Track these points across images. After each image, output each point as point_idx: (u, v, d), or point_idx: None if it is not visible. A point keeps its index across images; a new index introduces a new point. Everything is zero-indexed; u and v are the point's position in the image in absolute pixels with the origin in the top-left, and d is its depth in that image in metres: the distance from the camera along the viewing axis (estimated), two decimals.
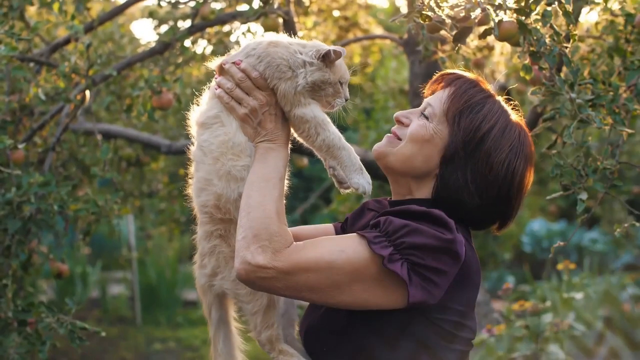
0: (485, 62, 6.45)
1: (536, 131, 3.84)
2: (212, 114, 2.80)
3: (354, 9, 7.25)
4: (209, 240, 2.83)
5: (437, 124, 2.79)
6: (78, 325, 4.15)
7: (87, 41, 4.51)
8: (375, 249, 2.54)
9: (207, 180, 2.77)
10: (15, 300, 4.28)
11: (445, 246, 2.55)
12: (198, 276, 2.91)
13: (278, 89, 2.72)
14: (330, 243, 2.64)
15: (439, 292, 2.57)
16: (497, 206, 2.81)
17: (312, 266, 2.58)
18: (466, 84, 2.85)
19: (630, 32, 4.27)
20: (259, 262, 2.55)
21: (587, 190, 3.61)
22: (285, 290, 2.64)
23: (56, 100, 4.85)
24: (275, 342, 2.81)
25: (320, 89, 2.73)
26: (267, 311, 2.81)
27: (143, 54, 5.25)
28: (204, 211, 2.81)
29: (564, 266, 6.24)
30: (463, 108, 2.78)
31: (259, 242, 2.57)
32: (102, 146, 4.74)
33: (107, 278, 13.58)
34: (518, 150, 2.79)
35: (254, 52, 2.75)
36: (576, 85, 3.50)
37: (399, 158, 2.82)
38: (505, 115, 2.82)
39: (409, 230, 2.55)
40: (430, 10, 3.37)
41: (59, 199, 4.29)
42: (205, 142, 2.78)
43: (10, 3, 4.50)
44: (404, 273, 2.52)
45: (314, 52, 2.73)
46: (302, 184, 15.64)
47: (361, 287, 2.60)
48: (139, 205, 8.87)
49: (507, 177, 2.77)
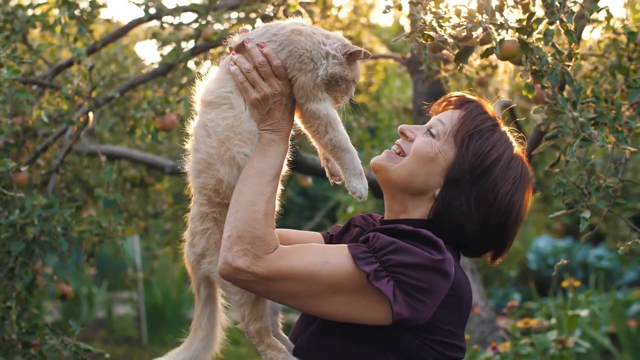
0: (489, 81, 6.46)
1: (539, 150, 3.83)
2: (222, 93, 2.74)
3: (358, 29, 7.25)
4: (203, 222, 2.80)
5: (444, 143, 2.79)
6: (82, 347, 4.14)
7: (89, 63, 4.52)
8: (360, 265, 2.55)
9: (208, 163, 2.74)
10: (20, 322, 4.28)
11: (434, 265, 2.55)
12: (187, 253, 2.88)
13: (297, 81, 2.70)
14: (315, 252, 2.64)
15: (427, 311, 2.57)
16: (494, 235, 2.82)
17: (292, 275, 2.59)
18: (477, 109, 2.85)
19: (633, 50, 4.28)
20: (238, 266, 2.57)
21: (590, 209, 3.60)
22: (266, 294, 2.67)
23: (59, 122, 4.85)
24: (264, 335, 2.79)
25: (336, 84, 2.73)
26: (256, 303, 2.78)
27: (146, 76, 5.27)
28: (202, 192, 2.78)
29: (568, 283, 6.22)
30: (473, 132, 2.78)
31: (241, 244, 2.59)
32: (106, 167, 4.74)
33: (113, 298, 13.57)
34: (519, 184, 2.79)
35: (276, 38, 2.71)
36: (578, 104, 3.49)
37: (400, 173, 2.81)
38: (511, 147, 2.83)
39: (396, 248, 2.55)
40: (432, 30, 3.37)
41: (62, 221, 4.29)
42: (212, 122, 2.73)
43: (12, 26, 4.52)
44: (388, 290, 2.52)
45: (340, 46, 2.72)
46: (307, 203, 15.63)
47: (343, 300, 2.60)
48: (144, 226, 8.88)
49: (508, 208, 2.77)
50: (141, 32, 7.98)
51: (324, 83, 2.71)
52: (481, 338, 6.10)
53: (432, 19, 3.31)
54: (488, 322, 6.20)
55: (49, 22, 4.69)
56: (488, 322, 6.20)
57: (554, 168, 3.80)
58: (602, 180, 3.66)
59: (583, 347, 5.55)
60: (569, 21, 3.35)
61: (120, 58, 6.96)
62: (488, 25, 3.38)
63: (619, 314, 9.31)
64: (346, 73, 2.73)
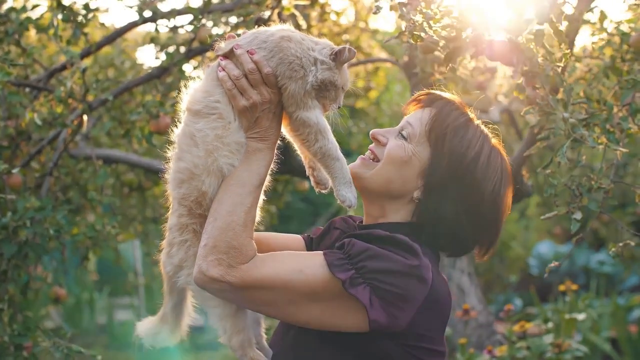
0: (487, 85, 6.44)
1: (531, 151, 3.82)
2: (210, 102, 2.71)
3: (357, 33, 7.23)
4: (182, 233, 2.76)
5: (417, 145, 2.78)
6: (74, 349, 4.14)
7: (82, 66, 4.51)
8: (335, 272, 2.54)
9: (192, 174, 2.70)
10: (12, 324, 4.27)
11: (410, 271, 2.53)
12: (164, 263, 2.86)
13: (287, 89, 2.68)
14: (290, 261, 2.63)
15: (404, 317, 2.56)
16: (483, 233, 2.81)
17: (266, 284, 2.59)
18: (448, 106, 2.84)
19: (627, 52, 4.26)
20: (212, 275, 2.57)
21: (581, 210, 3.59)
22: (241, 302, 2.68)
23: (54, 125, 4.85)
24: (248, 348, 2.77)
25: (326, 90, 2.72)
26: (237, 315, 2.77)
27: (140, 79, 5.27)
28: (182, 203, 2.74)
29: (565, 287, 6.21)
30: (447, 131, 2.76)
31: (216, 254, 2.58)
32: (100, 171, 4.74)
33: (114, 304, 13.55)
34: (501, 178, 2.79)
35: (265, 45, 2.69)
36: (569, 105, 3.48)
37: (375, 180, 2.80)
38: (488, 141, 2.81)
39: (371, 254, 2.54)
40: (422, 30, 3.35)
41: (55, 224, 4.28)
42: (200, 132, 2.69)
43: (5, 29, 4.51)
44: (364, 297, 2.51)
45: (328, 50, 2.71)
46: (309, 209, 15.61)
47: (319, 308, 2.60)
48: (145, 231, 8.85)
49: (494, 205, 2.77)
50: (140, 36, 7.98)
51: (314, 89, 2.70)
52: (479, 342, 6.09)
53: (421, 20, 3.30)
54: (486, 326, 6.18)
55: (42, 25, 4.68)
56: (486, 326, 6.18)
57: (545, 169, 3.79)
58: (594, 182, 3.64)
59: (580, 351, 5.53)
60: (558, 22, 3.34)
61: (118, 62, 6.95)
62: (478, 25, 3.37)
63: (620, 319, 9.27)
64: (335, 78, 2.72)
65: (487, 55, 3.41)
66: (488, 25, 3.34)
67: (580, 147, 3.51)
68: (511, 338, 5.46)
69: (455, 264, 6.16)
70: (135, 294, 12.86)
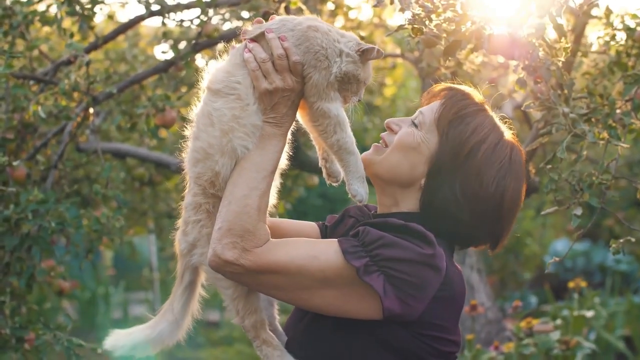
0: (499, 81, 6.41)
1: (533, 146, 3.80)
2: (231, 82, 2.72)
3: (370, 29, 7.21)
4: (196, 212, 2.79)
5: (426, 132, 2.78)
6: (74, 342, 4.14)
7: (86, 59, 4.51)
8: (350, 259, 2.54)
9: (207, 153, 2.73)
10: (14, 317, 4.28)
11: (424, 260, 2.53)
12: (180, 240, 2.88)
13: (311, 78, 2.69)
14: (304, 247, 2.64)
15: (418, 306, 2.55)
16: (487, 224, 2.79)
17: (280, 269, 2.60)
18: (459, 95, 2.84)
19: (632, 47, 4.24)
20: (227, 258, 2.59)
21: (581, 205, 3.56)
22: (255, 286, 2.70)
23: (59, 118, 4.86)
24: (260, 329, 2.80)
25: (348, 82, 2.73)
26: (249, 296, 2.79)
27: (146, 73, 5.27)
28: (197, 182, 2.77)
29: (575, 284, 6.18)
30: (453, 118, 2.76)
31: (231, 237, 2.60)
32: (105, 165, 4.74)
33: (130, 299, 13.59)
34: (508, 169, 2.76)
35: (293, 34, 2.70)
36: (570, 100, 3.45)
37: (384, 165, 2.81)
38: (498, 131, 2.79)
39: (385, 242, 2.54)
40: (422, 23, 3.33)
41: (57, 216, 4.28)
42: (217, 111, 2.72)
43: (10, 22, 4.51)
44: (378, 285, 2.51)
45: (354, 44, 2.72)
46: (326, 205, 15.59)
47: (333, 294, 2.60)
48: (159, 226, 8.86)
49: (496, 195, 2.74)
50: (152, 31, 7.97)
51: (337, 81, 2.70)
52: (487, 339, 6.07)
53: (421, 13, 3.28)
54: (495, 323, 6.16)
55: (48, 18, 4.68)
56: (495, 323, 6.16)
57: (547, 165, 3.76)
58: (595, 177, 3.61)
59: (587, 348, 5.51)
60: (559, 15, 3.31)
61: (129, 56, 6.95)
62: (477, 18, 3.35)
63: (634, 317, 9.23)
64: (358, 72, 2.73)
65: (487, 49, 3.39)
66: (489, 18, 3.32)
67: (583, 142, 3.49)
68: (519, 335, 5.45)
69: (465, 260, 6.14)
70: (151, 288, 12.89)
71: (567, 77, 3.47)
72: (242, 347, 10.66)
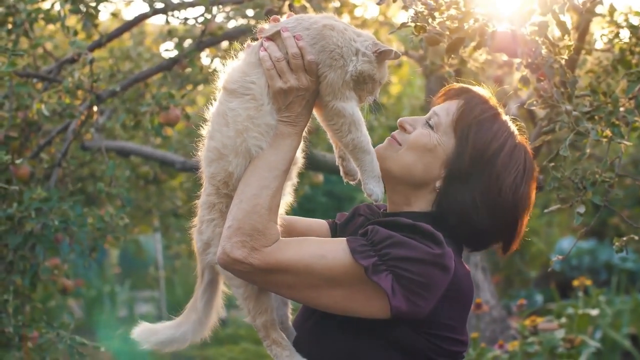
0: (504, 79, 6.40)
1: (536, 144, 3.79)
2: (246, 82, 2.72)
3: (375, 27, 7.20)
4: (210, 212, 2.80)
5: (442, 134, 2.78)
6: (77, 340, 4.15)
7: (90, 57, 4.51)
8: (358, 258, 2.54)
9: (221, 153, 2.73)
10: (17, 316, 4.28)
11: (433, 260, 2.53)
12: (196, 239, 2.89)
13: (326, 77, 2.68)
14: (313, 246, 2.64)
15: (426, 306, 2.55)
16: (503, 228, 2.79)
17: (289, 268, 2.60)
18: (477, 98, 2.83)
19: (636, 44, 4.22)
20: (235, 256, 2.59)
21: (585, 203, 3.55)
22: (263, 285, 2.70)
23: (63, 116, 4.86)
24: (270, 329, 2.79)
25: (363, 82, 2.72)
26: (260, 296, 2.78)
27: (149, 71, 5.27)
28: (211, 182, 2.78)
29: (579, 283, 6.17)
30: (472, 123, 2.76)
31: (240, 235, 2.60)
32: (109, 163, 4.74)
33: (135, 297, 13.60)
34: (524, 173, 2.78)
35: (308, 32, 2.69)
36: (573, 97, 3.44)
37: (398, 163, 2.80)
38: (513, 137, 2.81)
39: (394, 241, 2.54)
40: (424, 21, 3.33)
41: (61, 214, 4.28)
42: (232, 111, 2.71)
43: (14, 20, 4.51)
44: (386, 284, 2.51)
45: (371, 44, 2.71)
46: (333, 203, 15.58)
47: (341, 293, 2.60)
48: (164, 224, 8.87)
49: (514, 200, 2.75)
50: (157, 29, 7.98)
51: (352, 80, 2.69)
52: (492, 337, 6.07)
53: (423, 10, 3.28)
54: (499, 321, 6.17)
55: (52, 16, 4.67)
56: (499, 321, 6.17)
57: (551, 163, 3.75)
58: (598, 175, 3.60)
59: (592, 347, 5.50)
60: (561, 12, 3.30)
61: (134, 55, 6.95)
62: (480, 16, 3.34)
63: None
64: (374, 72, 2.72)
65: (490, 46, 3.39)
66: (491, 16, 3.32)
67: (586, 140, 3.48)
68: (524, 333, 5.44)
69: (469, 259, 6.14)
70: (157, 286, 12.90)
71: (571, 75, 3.46)
72: (248, 345, 10.65)
